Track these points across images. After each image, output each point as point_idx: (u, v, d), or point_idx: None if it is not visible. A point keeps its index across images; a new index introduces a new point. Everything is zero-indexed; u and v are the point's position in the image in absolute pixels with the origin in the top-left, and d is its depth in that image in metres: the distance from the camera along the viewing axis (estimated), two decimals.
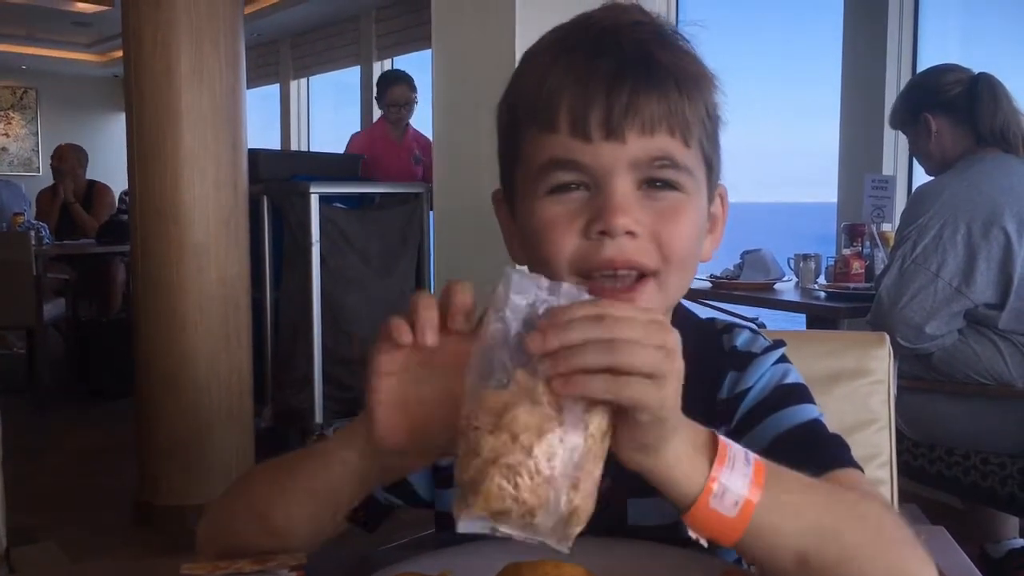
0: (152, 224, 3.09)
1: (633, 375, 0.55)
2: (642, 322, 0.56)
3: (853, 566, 0.64)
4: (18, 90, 10.73)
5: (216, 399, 3.17)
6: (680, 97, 0.74)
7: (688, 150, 0.75)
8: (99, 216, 6.01)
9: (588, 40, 0.75)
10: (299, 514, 0.74)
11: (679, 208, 0.76)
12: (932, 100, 2.37)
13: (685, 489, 0.61)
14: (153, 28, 3.00)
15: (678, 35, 0.79)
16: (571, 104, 0.73)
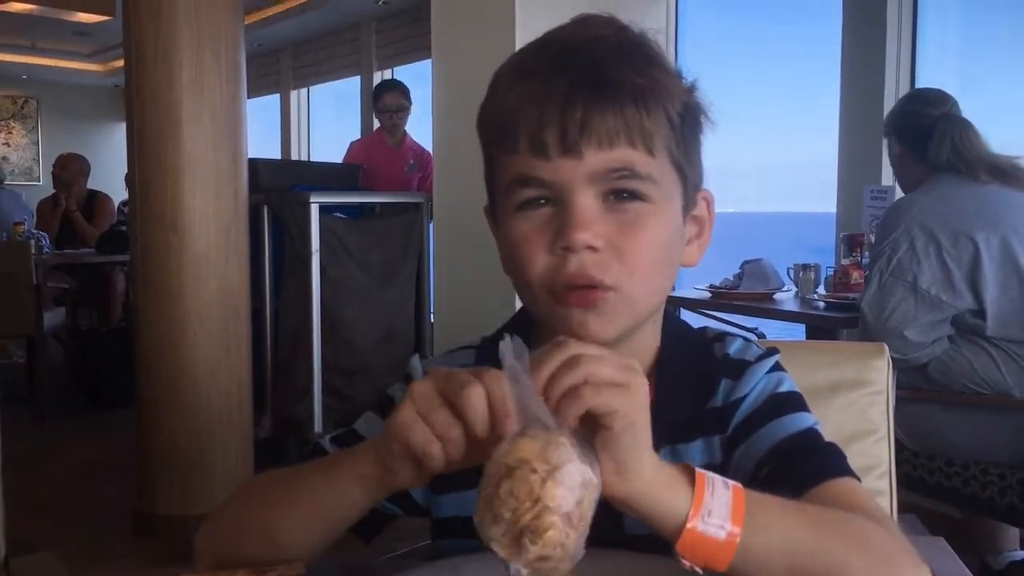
0: (152, 233, 3.09)
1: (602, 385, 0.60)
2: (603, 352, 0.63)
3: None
4: (19, 99, 10.74)
5: (216, 408, 3.16)
6: (637, 108, 0.75)
7: (652, 159, 0.76)
8: (100, 226, 6.02)
9: (545, 61, 0.77)
10: (303, 532, 0.76)
11: (643, 218, 0.76)
12: (898, 125, 2.50)
13: (672, 514, 0.63)
14: (154, 39, 3.01)
15: (642, 45, 0.79)
16: (529, 125, 0.75)
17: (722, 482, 0.65)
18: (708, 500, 0.63)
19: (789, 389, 0.85)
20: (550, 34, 0.80)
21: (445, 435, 0.64)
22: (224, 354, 3.19)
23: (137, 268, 3.20)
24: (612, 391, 0.61)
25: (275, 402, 4.07)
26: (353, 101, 7.42)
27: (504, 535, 0.58)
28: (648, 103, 0.75)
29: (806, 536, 0.66)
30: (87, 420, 4.96)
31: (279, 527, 0.76)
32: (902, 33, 3.47)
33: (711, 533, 0.62)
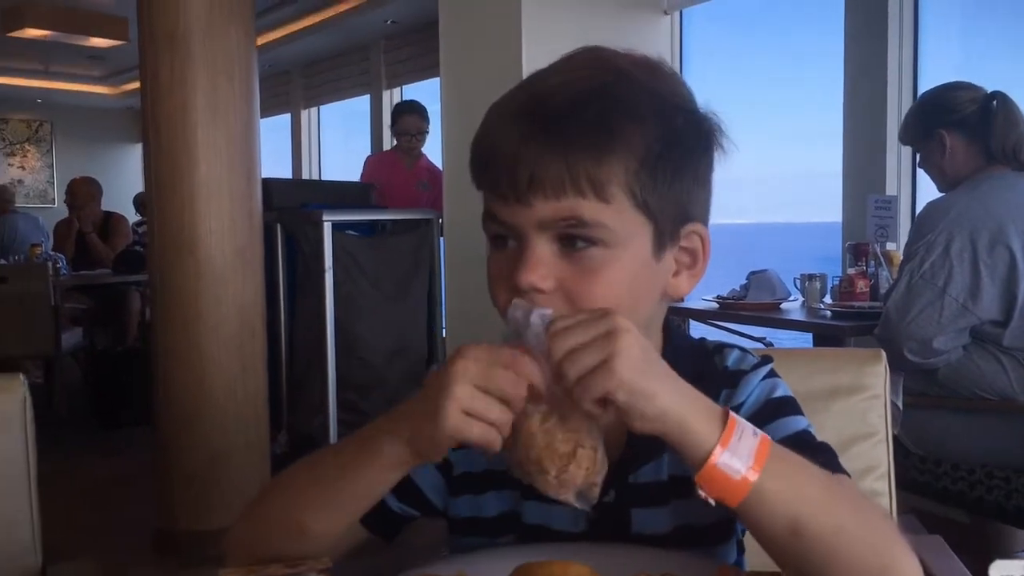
0: (170, 254, 3.16)
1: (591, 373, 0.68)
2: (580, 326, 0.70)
3: (842, 539, 0.71)
4: (33, 123, 10.89)
5: (233, 425, 3.22)
6: (590, 158, 0.77)
7: (606, 205, 0.78)
8: (115, 246, 6.10)
9: (513, 108, 0.82)
10: (334, 522, 0.82)
11: (598, 263, 0.80)
12: (947, 118, 2.39)
13: (698, 450, 0.70)
14: (169, 65, 3.08)
15: (609, 91, 0.80)
16: (492, 167, 0.81)
17: (751, 430, 0.71)
18: (734, 443, 0.70)
19: (783, 394, 0.90)
20: (535, 74, 0.85)
21: (501, 425, 0.71)
22: (240, 372, 3.24)
23: (155, 288, 3.26)
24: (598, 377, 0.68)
25: (291, 418, 4.12)
26: (363, 119, 7.51)
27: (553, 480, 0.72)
28: (599, 153, 0.78)
29: (818, 494, 0.72)
30: (103, 439, 5.01)
31: (310, 520, 0.81)
32: (903, 44, 3.51)
33: (730, 473, 0.69)
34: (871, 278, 2.96)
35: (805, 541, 0.70)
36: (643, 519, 0.87)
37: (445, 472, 0.92)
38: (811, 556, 0.71)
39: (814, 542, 0.70)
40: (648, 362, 0.70)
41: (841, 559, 0.71)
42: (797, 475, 0.73)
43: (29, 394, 1.22)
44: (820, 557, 0.71)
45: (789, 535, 0.70)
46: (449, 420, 0.70)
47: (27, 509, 1.22)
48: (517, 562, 0.75)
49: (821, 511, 0.71)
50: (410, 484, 0.91)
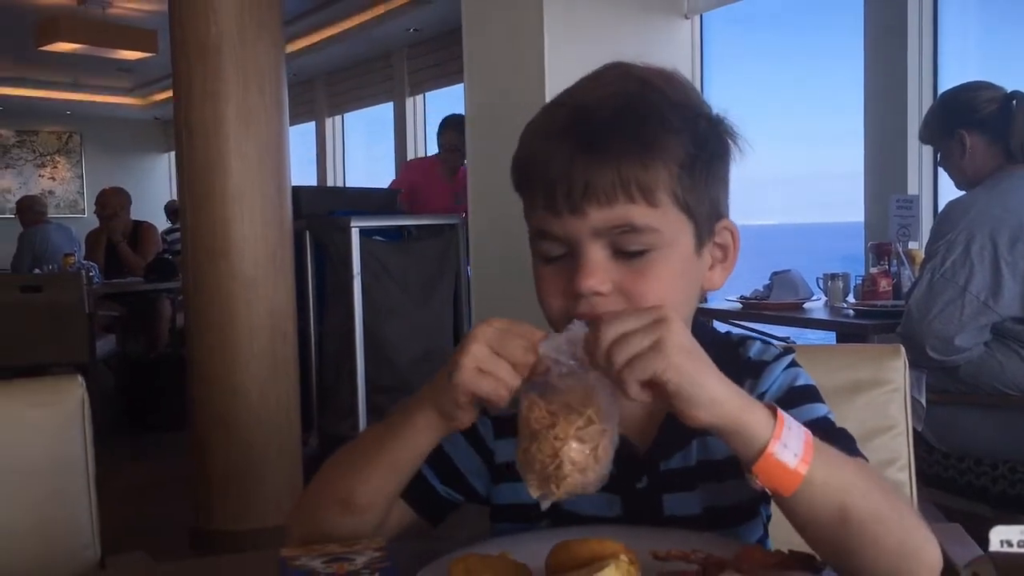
0: (203, 261, 3.23)
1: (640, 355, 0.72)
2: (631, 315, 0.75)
3: (881, 525, 0.76)
4: (63, 135, 11.07)
5: (266, 428, 3.28)
6: (639, 165, 0.83)
7: (654, 209, 0.84)
8: (145, 255, 6.19)
9: (557, 123, 0.87)
10: (379, 490, 0.88)
11: (651, 265, 0.85)
12: (968, 117, 2.41)
13: (753, 443, 0.74)
14: (202, 78, 3.16)
15: (644, 101, 0.86)
16: (542, 183, 0.86)
17: (797, 424, 0.76)
18: (786, 433, 0.74)
19: (804, 383, 0.95)
20: (567, 93, 0.90)
21: (508, 383, 0.77)
22: (273, 376, 3.31)
23: (188, 294, 3.34)
24: (650, 357, 0.72)
25: (321, 420, 4.19)
26: (387, 126, 7.59)
27: (535, 481, 0.76)
28: (645, 160, 0.83)
29: (858, 481, 0.77)
30: (136, 443, 5.09)
31: (354, 493, 0.88)
32: (923, 43, 3.53)
33: (785, 460, 0.73)
34: (894, 277, 2.98)
35: (851, 527, 0.75)
36: (674, 503, 0.92)
37: (487, 460, 0.98)
38: (854, 542, 0.75)
39: (858, 527, 0.75)
40: (697, 351, 0.74)
41: (880, 543, 0.75)
42: (840, 465, 0.77)
43: (87, 395, 1.29)
44: (861, 542, 0.75)
45: (837, 522, 0.75)
46: (463, 373, 0.77)
47: (87, 504, 1.29)
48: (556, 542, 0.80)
49: (864, 498, 0.76)
50: (454, 469, 0.97)
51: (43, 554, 1.25)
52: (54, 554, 1.26)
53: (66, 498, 1.28)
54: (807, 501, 0.75)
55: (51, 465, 1.26)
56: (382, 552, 0.77)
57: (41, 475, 1.27)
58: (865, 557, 0.76)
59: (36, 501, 1.27)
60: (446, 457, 0.95)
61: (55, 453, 1.27)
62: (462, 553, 0.79)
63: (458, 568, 0.76)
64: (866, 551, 0.76)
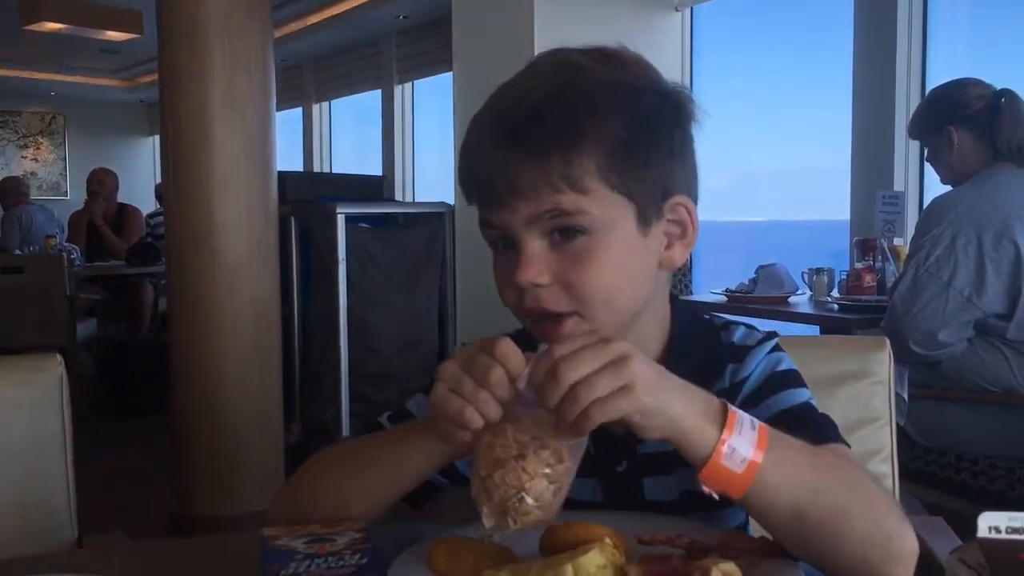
0: (186, 245, 3.21)
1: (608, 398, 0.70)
2: (588, 353, 0.71)
3: (842, 521, 0.75)
4: (46, 116, 10.97)
5: (248, 414, 3.27)
6: (559, 158, 0.83)
7: (585, 196, 0.83)
8: (129, 238, 6.16)
9: (488, 116, 0.87)
10: (374, 500, 0.88)
11: (588, 251, 0.84)
12: (956, 114, 2.42)
13: (699, 451, 0.73)
14: (187, 60, 3.13)
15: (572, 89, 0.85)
16: (473, 179, 0.88)
17: (750, 422, 0.75)
18: (734, 439, 0.73)
19: (787, 367, 0.95)
20: (501, 87, 0.90)
21: (476, 401, 0.74)
22: (256, 362, 3.29)
23: (171, 278, 3.32)
24: (617, 399, 0.70)
25: (304, 408, 4.18)
26: (374, 114, 7.55)
27: (492, 511, 0.73)
28: (567, 152, 0.83)
29: (815, 478, 0.76)
30: (117, 429, 5.06)
31: (352, 498, 0.87)
32: (912, 40, 3.54)
33: (732, 468, 0.73)
34: (878, 272, 3.00)
35: (808, 524, 0.74)
36: (654, 487, 0.92)
37: None
38: (815, 538, 0.75)
39: (817, 524, 0.74)
40: (660, 379, 0.73)
41: (844, 537, 0.75)
42: (797, 462, 0.76)
43: (66, 373, 1.27)
44: (824, 538, 0.75)
45: (792, 521, 0.74)
46: (435, 393, 0.77)
47: (64, 483, 1.28)
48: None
49: (821, 495, 0.75)
50: None
51: (20, 533, 1.24)
52: (31, 533, 1.25)
53: (44, 477, 1.26)
54: (757, 502, 0.74)
55: (29, 444, 1.25)
56: (363, 534, 0.76)
57: (18, 454, 1.25)
58: (828, 550, 0.76)
59: (13, 480, 1.25)
60: None
61: (33, 432, 1.26)
62: (445, 535, 0.78)
63: (439, 550, 0.75)
64: (828, 545, 0.75)
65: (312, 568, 0.69)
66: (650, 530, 0.75)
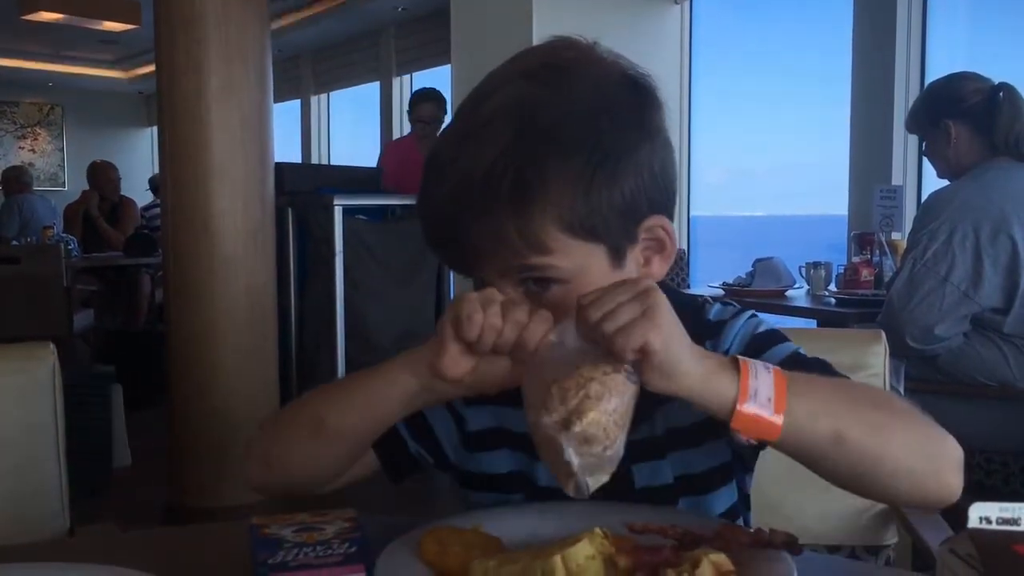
0: (183, 235, 3.20)
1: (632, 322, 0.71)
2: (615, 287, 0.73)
3: (883, 434, 0.75)
4: (44, 107, 10.95)
5: (244, 405, 3.26)
6: (515, 221, 0.80)
7: (550, 254, 0.82)
8: (125, 230, 6.17)
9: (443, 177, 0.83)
10: (351, 420, 0.86)
11: (564, 298, 0.82)
12: (954, 108, 2.41)
13: (723, 398, 0.73)
14: (185, 48, 3.12)
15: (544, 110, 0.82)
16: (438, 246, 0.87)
17: (763, 366, 0.75)
18: (753, 383, 0.73)
19: (767, 328, 0.94)
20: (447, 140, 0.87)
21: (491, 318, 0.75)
22: (252, 352, 3.29)
23: (169, 270, 3.31)
24: (641, 324, 0.70)
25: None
26: (372, 106, 7.54)
27: (555, 420, 0.71)
28: (526, 214, 0.80)
29: (844, 398, 0.76)
30: None
31: (330, 417, 0.87)
32: (911, 35, 3.53)
33: (760, 409, 0.72)
34: (876, 266, 3.00)
35: (851, 446, 0.74)
36: (643, 473, 0.92)
37: (459, 424, 0.96)
38: (861, 459, 0.74)
39: (859, 445, 0.74)
40: (679, 323, 0.74)
41: (889, 452, 0.75)
42: (820, 390, 0.76)
43: (59, 362, 1.27)
44: (869, 458, 0.74)
45: (834, 446, 0.73)
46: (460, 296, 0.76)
47: (57, 472, 1.27)
48: (530, 518, 0.79)
49: (856, 413, 0.75)
50: (428, 428, 0.96)
51: (12, 522, 1.23)
52: (23, 522, 1.25)
53: (36, 466, 1.26)
54: (797, 438, 0.73)
55: (21, 432, 1.25)
56: (352, 523, 0.76)
57: (10, 443, 1.25)
58: (876, 469, 0.75)
59: (5, 469, 1.25)
60: (421, 415, 0.93)
61: (25, 420, 1.25)
62: (434, 525, 0.78)
63: (430, 539, 0.75)
64: (876, 464, 0.75)
65: (300, 556, 0.69)
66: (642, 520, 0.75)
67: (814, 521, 1.39)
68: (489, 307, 0.76)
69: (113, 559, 0.80)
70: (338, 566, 0.67)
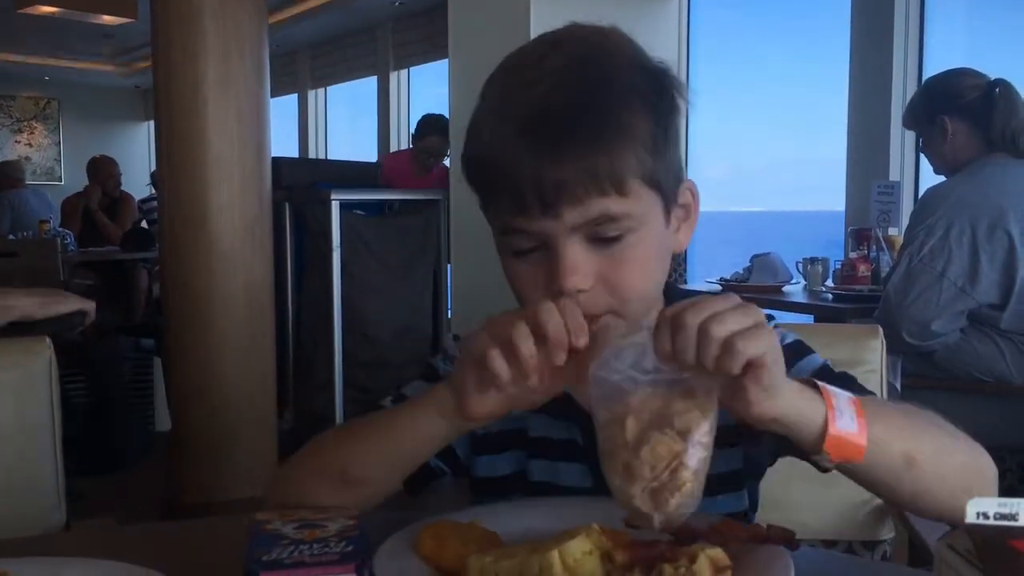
0: (181, 230, 3.19)
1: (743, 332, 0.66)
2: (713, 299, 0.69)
3: (946, 457, 0.77)
4: (41, 101, 10.91)
5: (241, 400, 3.26)
6: (607, 156, 0.80)
7: (627, 197, 0.81)
8: (123, 224, 6.16)
9: (518, 116, 0.81)
10: (381, 470, 0.84)
11: (628, 251, 0.82)
12: (951, 103, 2.41)
13: (813, 420, 0.71)
14: (181, 40, 3.11)
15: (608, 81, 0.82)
16: (508, 185, 0.81)
17: (837, 388, 0.73)
18: (838, 403, 0.72)
19: (793, 339, 0.94)
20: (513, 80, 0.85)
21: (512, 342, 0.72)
22: (249, 348, 3.28)
23: (165, 264, 3.30)
24: (754, 334, 0.66)
25: (297, 395, 4.17)
26: (370, 100, 7.53)
27: (644, 491, 0.67)
28: (613, 153, 0.80)
29: (910, 423, 0.77)
30: None
31: (354, 468, 0.84)
32: (909, 30, 3.53)
33: (848, 429, 0.71)
34: (873, 262, 3.00)
35: (921, 468, 0.74)
36: None
37: (471, 433, 0.94)
38: (929, 481, 0.75)
39: (928, 466, 0.75)
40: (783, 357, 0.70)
41: (951, 472, 0.76)
42: (888, 413, 0.77)
43: (55, 356, 1.26)
44: (935, 479, 0.75)
45: (906, 469, 0.74)
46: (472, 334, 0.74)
47: (53, 467, 1.27)
48: (527, 513, 0.79)
49: (921, 437, 0.76)
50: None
51: (8, 517, 1.23)
52: (19, 517, 1.24)
53: (32, 461, 1.26)
54: (875, 459, 0.73)
55: (17, 427, 1.24)
56: (354, 521, 0.75)
57: (7, 437, 1.25)
58: (941, 490, 0.76)
59: (1, 464, 1.25)
60: None
61: (21, 415, 1.25)
62: (433, 520, 0.78)
63: (427, 534, 0.75)
64: (941, 484, 0.76)
65: (295, 554, 0.68)
66: None
67: (811, 516, 1.39)
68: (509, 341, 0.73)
69: (110, 553, 0.79)
70: (332, 565, 0.66)
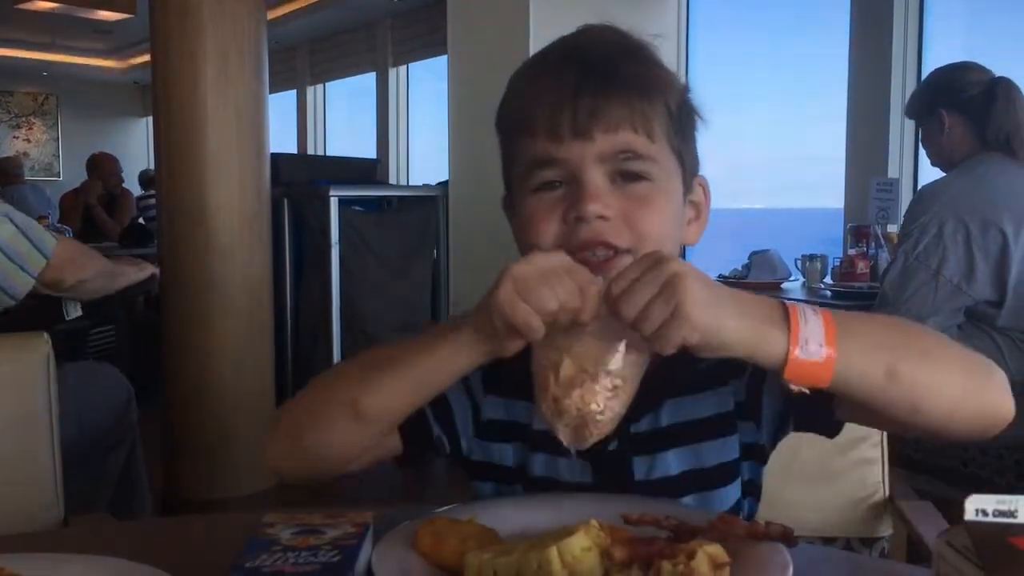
0: (180, 226, 3.19)
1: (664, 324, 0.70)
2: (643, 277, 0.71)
3: (932, 364, 0.76)
4: (39, 96, 10.89)
5: (240, 396, 3.26)
6: (640, 99, 0.86)
7: (653, 144, 0.87)
8: (122, 220, 6.15)
9: (559, 58, 0.89)
10: (395, 401, 0.82)
11: (649, 195, 0.87)
12: (950, 97, 2.41)
13: (773, 356, 0.72)
14: (180, 36, 3.11)
15: (643, 48, 0.90)
16: (545, 111, 0.86)
17: (811, 310, 0.74)
18: (803, 330, 0.72)
19: None
20: (560, 40, 0.92)
21: (544, 311, 0.73)
22: (248, 344, 3.28)
23: (164, 261, 3.30)
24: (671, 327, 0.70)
25: (295, 391, 4.16)
26: (369, 96, 7.52)
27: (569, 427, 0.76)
28: (650, 94, 0.87)
29: (891, 334, 0.77)
30: None
31: (371, 399, 0.81)
32: (908, 27, 3.53)
33: (812, 358, 0.71)
34: (871, 259, 3.00)
35: (903, 379, 0.74)
36: (642, 467, 0.91)
37: (475, 411, 0.95)
38: (915, 391, 0.74)
39: (911, 377, 0.74)
40: (711, 294, 0.72)
41: (940, 380, 0.75)
42: (867, 328, 0.76)
43: (52, 352, 1.26)
44: (922, 388, 0.75)
45: (887, 382, 0.73)
46: (501, 293, 0.73)
47: (51, 463, 1.27)
48: (526, 509, 0.79)
49: (904, 348, 0.75)
50: (450, 414, 0.94)
51: (6, 512, 1.23)
52: (17, 512, 1.24)
53: (30, 456, 1.26)
54: (847, 377, 0.73)
55: (14, 423, 1.24)
56: (358, 528, 0.74)
57: (4, 433, 1.24)
58: (930, 399, 0.75)
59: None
60: (445, 399, 0.92)
61: (18, 410, 1.25)
62: (433, 515, 0.78)
63: (425, 531, 0.75)
64: (930, 394, 0.75)
65: (277, 563, 0.67)
66: (639, 511, 0.75)
67: (810, 513, 1.39)
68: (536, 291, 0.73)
69: (108, 549, 0.79)
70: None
